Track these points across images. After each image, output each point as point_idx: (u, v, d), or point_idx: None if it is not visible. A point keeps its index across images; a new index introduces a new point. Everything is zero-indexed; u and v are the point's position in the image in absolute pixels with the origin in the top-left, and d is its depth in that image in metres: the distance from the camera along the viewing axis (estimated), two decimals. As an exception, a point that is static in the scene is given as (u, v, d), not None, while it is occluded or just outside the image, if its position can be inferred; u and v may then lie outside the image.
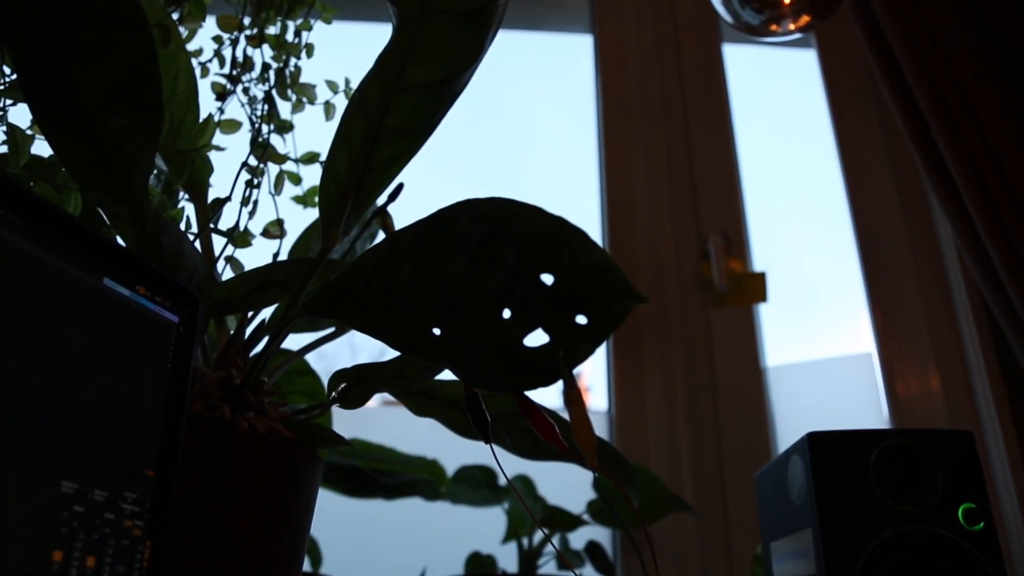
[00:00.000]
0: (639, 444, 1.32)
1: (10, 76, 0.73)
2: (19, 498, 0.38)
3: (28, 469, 0.39)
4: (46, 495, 0.39)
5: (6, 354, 0.38)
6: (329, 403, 0.67)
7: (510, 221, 0.48)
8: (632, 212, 1.44)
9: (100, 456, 0.43)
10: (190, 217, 0.76)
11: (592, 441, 0.45)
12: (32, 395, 0.39)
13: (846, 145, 1.54)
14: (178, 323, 0.51)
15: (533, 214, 0.48)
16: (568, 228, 0.47)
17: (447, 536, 1.33)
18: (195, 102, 0.75)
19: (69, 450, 0.41)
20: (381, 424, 1.54)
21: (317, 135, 0.99)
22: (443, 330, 0.50)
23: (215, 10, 0.92)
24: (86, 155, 0.60)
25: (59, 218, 0.43)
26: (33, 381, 0.40)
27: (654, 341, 1.37)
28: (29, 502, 0.38)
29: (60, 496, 0.40)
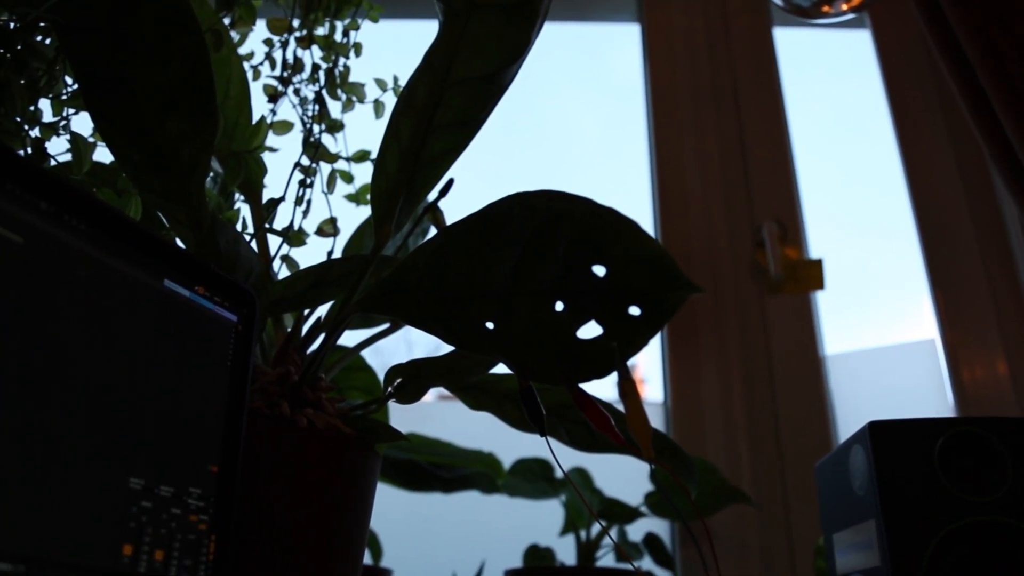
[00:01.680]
0: (696, 435, 1.31)
1: (72, 86, 0.75)
2: (90, 495, 0.39)
3: (98, 467, 0.40)
4: (115, 491, 0.41)
5: (75, 356, 0.39)
6: (385, 398, 0.68)
7: (561, 213, 0.48)
8: (684, 201, 1.43)
9: (165, 453, 0.44)
10: (246, 218, 0.78)
11: (647, 433, 0.45)
12: (100, 395, 0.41)
13: (904, 126, 1.50)
14: (237, 322, 0.52)
15: (584, 206, 0.47)
16: (619, 219, 0.46)
17: (505, 529, 1.34)
18: (248, 105, 0.77)
19: (136, 448, 0.42)
20: (438, 418, 1.55)
21: (368, 133, 1.00)
22: (496, 323, 0.50)
23: (265, 13, 0.94)
24: (145, 159, 0.61)
25: (121, 222, 0.44)
26: (100, 382, 0.41)
27: (709, 331, 1.35)
28: (100, 498, 0.40)
29: (128, 492, 0.41)
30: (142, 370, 0.43)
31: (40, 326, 0.38)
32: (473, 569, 1.18)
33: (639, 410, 0.45)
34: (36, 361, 0.37)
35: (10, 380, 0.36)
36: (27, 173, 0.39)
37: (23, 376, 0.37)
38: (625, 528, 1.21)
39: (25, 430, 0.36)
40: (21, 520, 0.36)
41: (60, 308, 0.39)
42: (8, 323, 0.36)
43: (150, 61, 0.59)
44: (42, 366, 0.38)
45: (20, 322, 0.37)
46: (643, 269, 0.45)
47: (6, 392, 0.36)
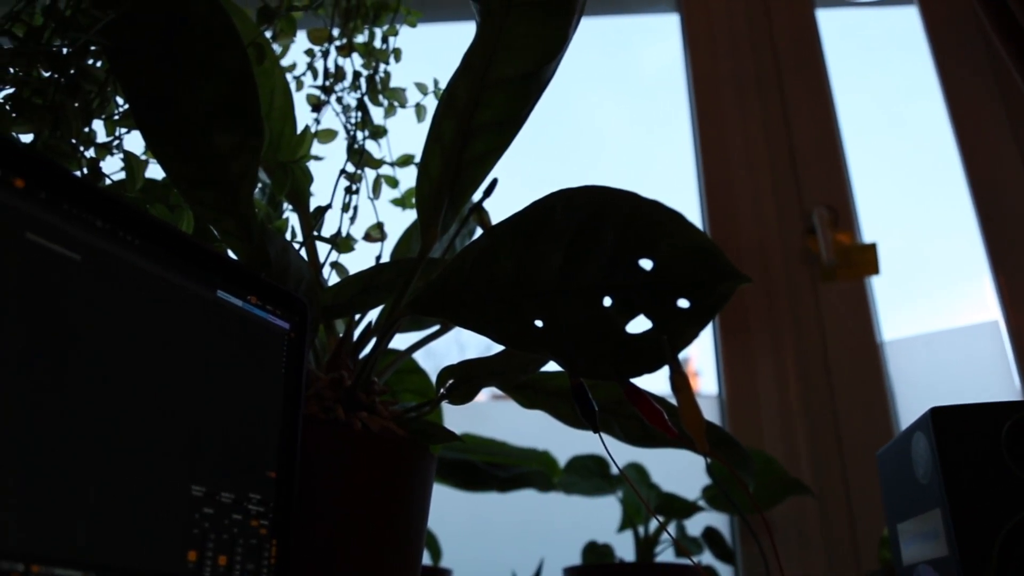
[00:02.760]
0: (752, 427, 1.29)
1: (123, 106, 0.77)
2: (155, 503, 0.40)
3: (161, 475, 0.41)
4: (178, 499, 0.42)
5: (134, 369, 0.40)
6: (438, 400, 0.68)
7: (605, 208, 0.48)
8: (732, 191, 1.41)
9: (225, 460, 0.45)
10: (294, 226, 0.79)
11: (701, 426, 0.44)
12: (159, 406, 0.42)
13: (956, 103, 1.46)
14: (289, 329, 0.53)
15: (628, 200, 0.47)
16: (664, 211, 0.46)
17: (563, 526, 1.34)
18: (292, 115, 0.78)
19: (196, 456, 0.43)
20: (492, 418, 1.55)
21: (411, 137, 1.00)
22: (545, 321, 0.50)
23: (305, 24, 0.95)
24: (194, 174, 0.63)
25: (173, 236, 0.45)
26: (159, 393, 0.42)
27: (762, 321, 1.33)
28: (164, 506, 0.41)
29: (191, 499, 0.42)
30: (199, 380, 0.44)
31: (100, 341, 0.39)
32: (532, 568, 1.18)
33: (692, 403, 0.44)
34: (98, 375, 0.39)
35: (74, 394, 0.37)
36: (82, 193, 0.40)
37: (87, 390, 0.38)
38: (683, 523, 1.20)
39: (90, 442, 0.37)
40: (91, 529, 0.37)
41: (118, 322, 0.40)
42: (70, 339, 0.37)
43: (196, 78, 0.61)
44: (103, 380, 0.39)
45: (81, 337, 0.38)
46: (690, 261, 0.45)
47: (72, 406, 0.37)
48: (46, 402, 0.36)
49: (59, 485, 0.36)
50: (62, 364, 0.37)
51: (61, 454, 0.36)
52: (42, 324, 0.36)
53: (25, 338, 0.35)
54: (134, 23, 0.62)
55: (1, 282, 0.35)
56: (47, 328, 0.37)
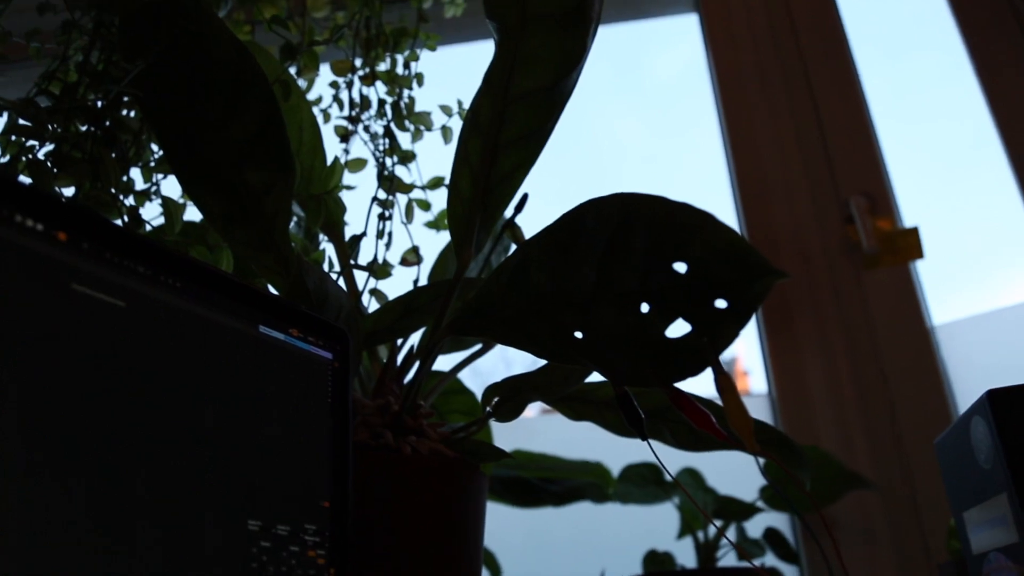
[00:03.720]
0: (806, 423, 1.27)
1: (158, 152, 0.79)
2: (213, 540, 0.41)
3: (217, 512, 0.41)
4: (235, 535, 0.42)
5: (185, 408, 0.41)
6: (485, 418, 0.68)
7: (635, 215, 0.48)
8: (765, 186, 1.40)
9: (279, 493, 0.46)
10: (331, 257, 0.80)
11: (749, 426, 0.44)
12: (211, 443, 0.42)
13: (988, 76, 1.43)
14: (332, 359, 0.53)
15: (657, 204, 0.47)
16: (694, 213, 0.46)
17: (621, 536, 1.33)
18: (321, 148, 0.79)
19: (250, 491, 0.44)
20: (542, 432, 1.55)
21: (440, 159, 1.01)
22: (585, 332, 0.50)
23: (328, 57, 0.97)
24: (230, 213, 0.64)
25: (213, 276, 0.46)
26: (211, 430, 0.42)
27: (807, 314, 1.31)
28: (222, 542, 0.41)
29: (248, 534, 0.43)
30: (248, 415, 0.45)
31: (149, 383, 0.40)
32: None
33: (738, 404, 0.44)
34: (149, 416, 0.39)
35: (127, 437, 0.38)
36: (123, 241, 0.41)
37: (139, 432, 0.39)
38: (743, 525, 1.19)
39: (145, 483, 0.38)
40: (151, 568, 0.37)
41: (165, 364, 0.41)
42: (120, 383, 0.38)
43: (225, 119, 0.62)
44: (155, 421, 0.40)
45: (131, 381, 0.39)
46: (725, 260, 0.44)
47: (125, 449, 0.38)
48: (100, 447, 0.37)
49: (117, 526, 0.36)
50: (114, 408, 0.38)
51: (118, 497, 0.37)
52: (93, 371, 0.37)
53: (78, 386, 0.36)
54: (162, 71, 0.64)
55: (51, 332, 0.36)
56: (98, 375, 0.37)
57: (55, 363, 0.36)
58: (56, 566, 0.34)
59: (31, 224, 0.38)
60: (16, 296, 0.35)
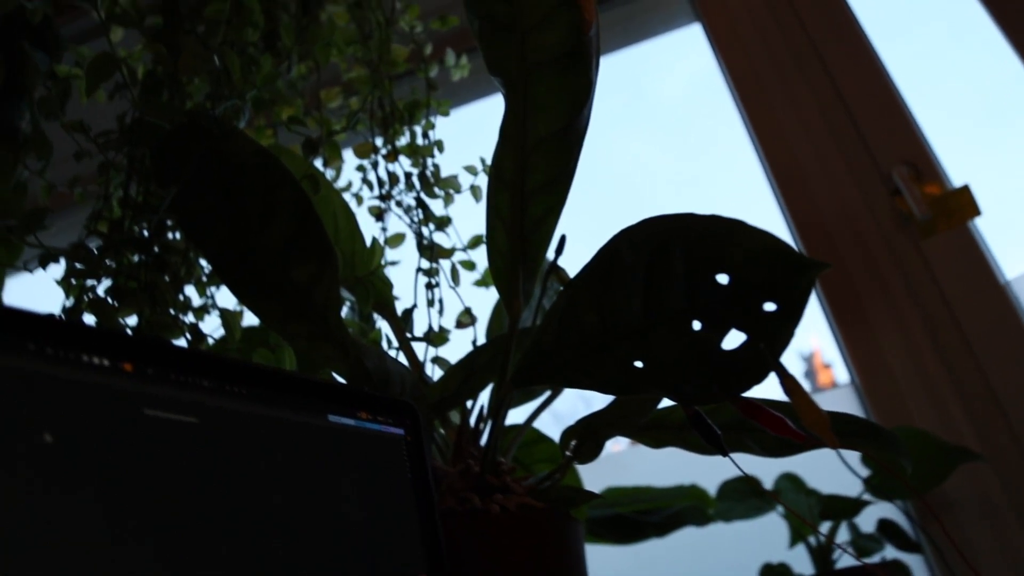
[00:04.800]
0: (897, 406, 1.23)
1: (208, 267, 0.82)
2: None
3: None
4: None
5: (272, 508, 0.42)
6: (566, 463, 0.68)
7: (667, 236, 0.48)
8: (804, 177, 1.38)
9: (374, 574, 0.46)
10: (388, 334, 0.81)
11: (824, 421, 0.43)
12: (303, 536, 0.43)
13: (1009, 21, 1.39)
14: (404, 434, 0.54)
15: (686, 222, 0.47)
16: (724, 222, 0.46)
17: (733, 555, 1.30)
18: (358, 231, 0.81)
19: (346, 575, 0.44)
20: (632, 465, 1.53)
21: (475, 216, 1.03)
22: (643, 360, 0.50)
23: (349, 142, 1.00)
24: (283, 312, 0.66)
25: (275, 377, 0.47)
26: (301, 524, 0.43)
27: (874, 296, 1.28)
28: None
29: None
30: (331, 505, 0.46)
31: (232, 491, 0.41)
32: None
33: (808, 403, 0.43)
34: (237, 523, 0.40)
35: (219, 547, 0.39)
36: (185, 360, 0.43)
37: (229, 541, 0.40)
38: (855, 521, 1.15)
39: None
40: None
41: (243, 469, 0.42)
42: (202, 494, 0.40)
43: (261, 223, 0.64)
44: (244, 526, 0.41)
45: (212, 491, 0.40)
46: (764, 263, 0.44)
47: (219, 558, 0.39)
48: (191, 557, 0.38)
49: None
50: (201, 520, 0.39)
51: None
52: (175, 488, 0.39)
53: (163, 505, 0.38)
54: (196, 190, 0.66)
55: (130, 458, 0.38)
56: (181, 490, 0.39)
57: (137, 487, 0.37)
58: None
59: (97, 361, 0.40)
60: (92, 430, 0.37)
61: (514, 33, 0.62)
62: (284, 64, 0.88)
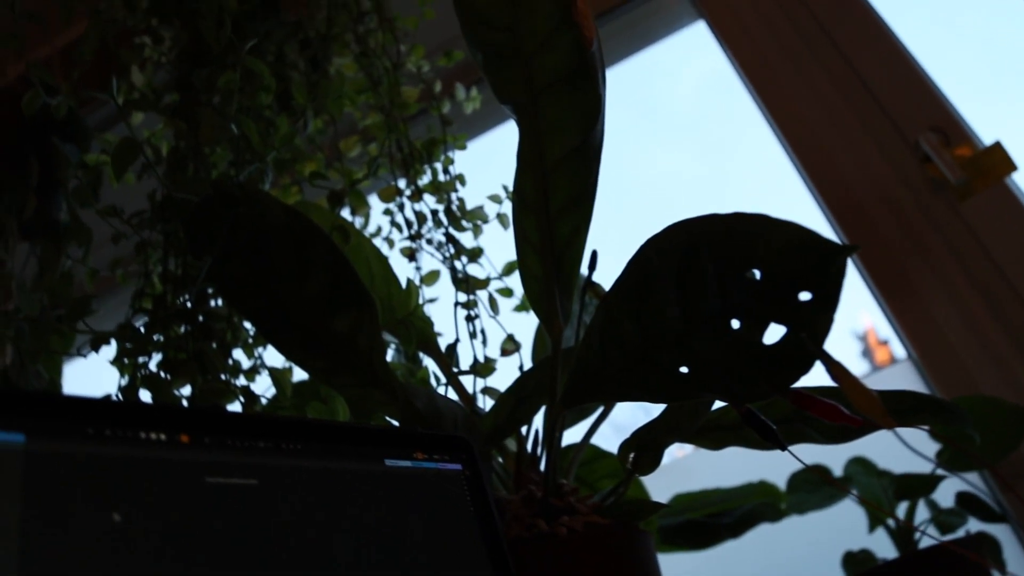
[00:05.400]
0: (959, 373, 1.21)
1: (252, 329, 0.83)
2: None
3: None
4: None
5: (340, 559, 0.43)
6: (628, 477, 0.68)
7: (694, 240, 0.48)
8: (829, 158, 1.36)
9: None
10: (435, 372, 0.82)
11: (876, 404, 0.42)
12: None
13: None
14: (462, 469, 0.54)
15: (710, 223, 0.47)
16: (747, 218, 0.45)
17: (813, 548, 1.27)
18: (392, 275, 0.82)
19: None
20: (699, 468, 1.52)
21: (507, 241, 1.03)
22: (688, 365, 0.50)
23: (373, 188, 1.01)
24: (329, 364, 0.67)
25: (327, 429, 0.48)
26: (368, 570, 0.44)
27: (920, 267, 1.26)
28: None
29: (435, 662, 0.44)
30: (395, 548, 0.46)
31: (298, 547, 0.42)
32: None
33: (857, 387, 0.43)
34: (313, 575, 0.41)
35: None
36: (239, 425, 0.44)
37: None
38: (932, 498, 1.12)
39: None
40: None
41: (306, 523, 0.43)
42: (268, 553, 0.40)
43: (297, 282, 0.65)
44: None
45: (277, 549, 0.41)
46: (792, 254, 0.44)
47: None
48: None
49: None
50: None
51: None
52: (244, 552, 0.39)
53: (236, 570, 0.38)
54: (230, 256, 0.68)
55: (198, 526, 0.38)
56: (250, 555, 0.39)
57: (206, 554, 0.38)
58: None
59: (155, 436, 0.41)
60: (158, 504, 0.38)
61: (518, 60, 0.63)
62: (300, 121, 0.90)
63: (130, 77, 0.91)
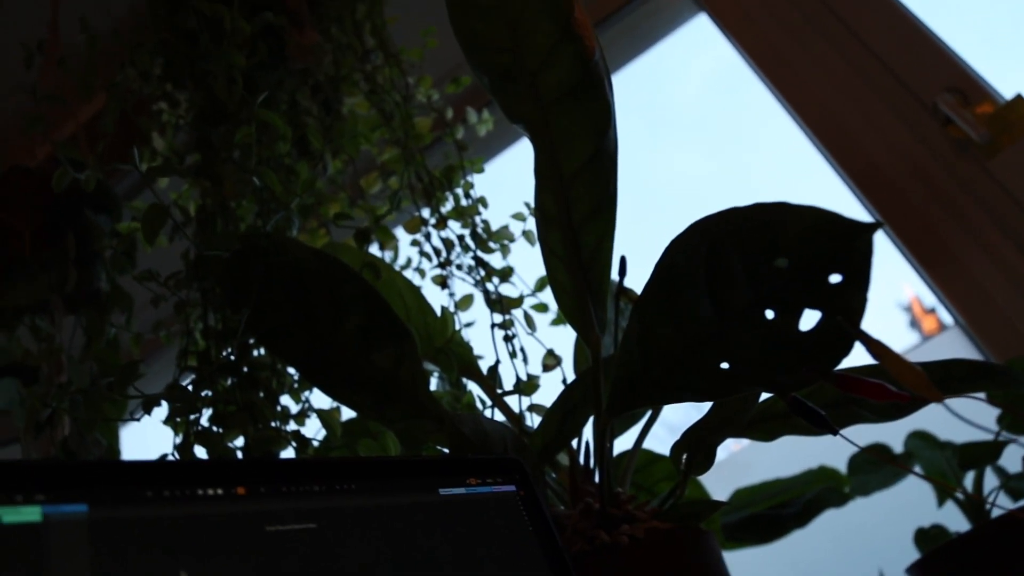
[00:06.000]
0: (1010, 334, 1.18)
1: (296, 374, 0.84)
2: None
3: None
4: None
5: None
6: (683, 479, 0.67)
7: (716, 236, 0.48)
8: (849, 134, 1.35)
9: (522, 634, 0.47)
10: (480, 395, 0.82)
11: (921, 377, 0.42)
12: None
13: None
14: (516, 490, 0.55)
15: (730, 218, 0.47)
16: (768, 208, 0.45)
17: (883, 528, 1.25)
18: (426, 305, 0.83)
19: (495, 643, 0.45)
20: (756, 461, 1.50)
21: (536, 256, 1.03)
22: (728, 361, 0.50)
23: (399, 221, 1.02)
24: (374, 399, 0.67)
25: (377, 466, 0.48)
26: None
27: (957, 232, 1.24)
28: None
29: None
30: (464, 575, 0.47)
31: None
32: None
33: (900, 363, 0.42)
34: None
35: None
36: (292, 471, 0.45)
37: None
38: (1000, 464, 1.10)
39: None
40: None
41: (369, 560, 0.43)
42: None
43: (334, 323, 0.66)
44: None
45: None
46: (816, 238, 0.44)
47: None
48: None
49: None
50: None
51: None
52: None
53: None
54: (266, 306, 0.69)
55: (263, 574, 0.39)
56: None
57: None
58: None
59: (212, 491, 0.42)
60: (222, 557, 0.39)
61: (523, 79, 0.64)
62: (319, 165, 0.92)
63: (151, 143, 0.93)
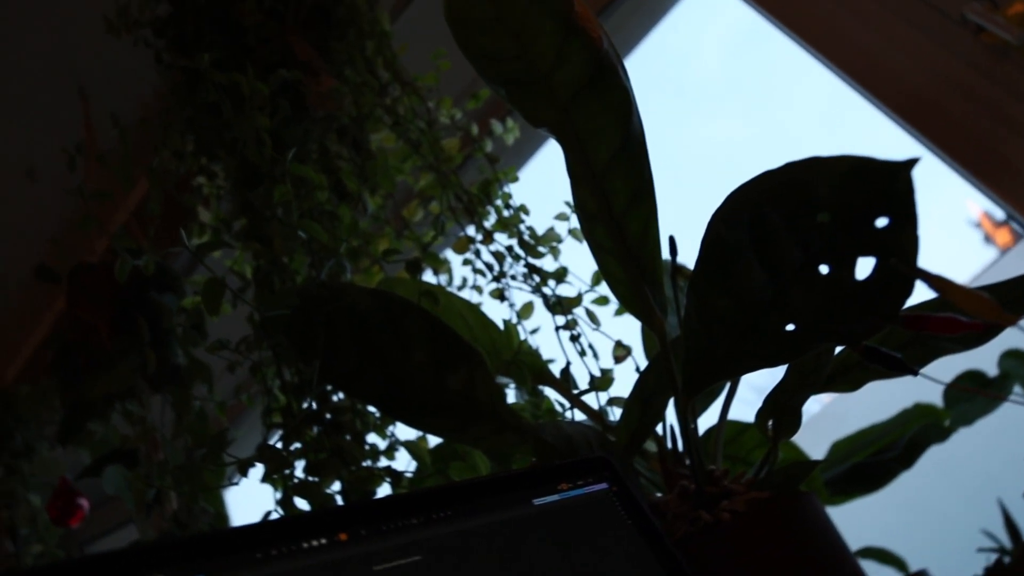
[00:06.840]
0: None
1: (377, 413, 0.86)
2: None
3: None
4: None
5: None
6: (774, 445, 0.67)
7: (756, 202, 0.48)
8: (881, 64, 1.32)
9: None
10: (558, 399, 0.83)
11: (987, 303, 0.41)
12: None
13: None
14: (609, 487, 0.55)
15: (766, 181, 0.47)
16: (800, 165, 0.45)
17: (995, 454, 1.22)
18: (488, 321, 0.84)
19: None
20: (849, 409, 1.47)
21: (586, 251, 1.04)
22: (793, 322, 0.50)
23: (446, 244, 1.04)
24: (455, 422, 0.69)
25: (469, 489, 0.49)
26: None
27: (1006, 140, 1.20)
28: None
29: None
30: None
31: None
32: (993, 521, 1.07)
33: (965, 294, 0.41)
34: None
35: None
36: (388, 509, 0.46)
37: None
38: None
39: None
40: None
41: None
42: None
43: (402, 356, 0.68)
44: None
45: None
46: (853, 186, 0.43)
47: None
48: None
49: None
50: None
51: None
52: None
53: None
54: (334, 351, 0.71)
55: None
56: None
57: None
58: None
59: (316, 543, 0.43)
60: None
61: (537, 82, 0.64)
62: (359, 205, 0.93)
63: (198, 217, 0.96)
